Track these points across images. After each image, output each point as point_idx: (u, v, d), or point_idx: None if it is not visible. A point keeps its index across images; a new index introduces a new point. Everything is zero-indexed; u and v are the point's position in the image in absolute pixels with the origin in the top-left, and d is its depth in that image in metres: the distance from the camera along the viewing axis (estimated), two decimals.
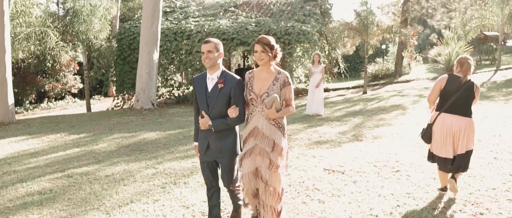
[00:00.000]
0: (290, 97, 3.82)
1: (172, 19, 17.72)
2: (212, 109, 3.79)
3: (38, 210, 5.04)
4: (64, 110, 22.07)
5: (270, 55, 3.73)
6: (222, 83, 3.76)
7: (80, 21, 16.18)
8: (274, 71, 3.82)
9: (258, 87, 3.80)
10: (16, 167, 7.38)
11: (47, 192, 5.75)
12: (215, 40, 3.81)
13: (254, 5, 19.20)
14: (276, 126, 3.81)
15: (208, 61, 3.75)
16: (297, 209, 4.65)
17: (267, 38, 3.75)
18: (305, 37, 15.70)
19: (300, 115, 11.60)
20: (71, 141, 9.58)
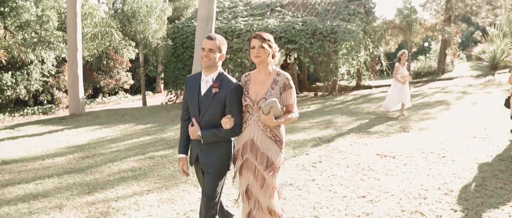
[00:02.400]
0: (291, 103, 3.36)
1: (222, 19, 18.70)
2: (203, 116, 3.38)
3: (136, 182, 6.04)
4: (118, 104, 23.51)
5: (269, 51, 3.32)
6: (217, 87, 3.33)
7: (138, 21, 17.39)
8: (273, 72, 3.39)
9: (255, 92, 3.36)
10: (101, 151, 8.49)
11: (136, 169, 6.77)
12: (220, 38, 3.42)
13: (300, 5, 19.94)
14: (273, 139, 3.38)
15: (205, 61, 3.34)
16: (357, 184, 5.44)
17: (267, 35, 3.36)
18: (350, 36, 16.33)
19: (348, 109, 12.28)
20: (140, 130, 10.68)
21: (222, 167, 3.45)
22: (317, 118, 10.88)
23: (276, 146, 3.39)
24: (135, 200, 5.21)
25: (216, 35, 3.42)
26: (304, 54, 16.95)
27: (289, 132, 9.08)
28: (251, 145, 3.38)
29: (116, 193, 5.57)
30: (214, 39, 3.36)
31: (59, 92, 21.38)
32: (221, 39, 3.41)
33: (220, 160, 3.43)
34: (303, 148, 7.56)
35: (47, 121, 13.80)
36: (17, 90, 19.08)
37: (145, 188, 5.72)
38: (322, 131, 9.15)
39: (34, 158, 8.18)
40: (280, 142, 3.42)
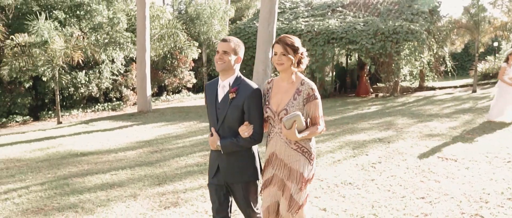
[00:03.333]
0: (316, 115, 3.08)
1: (283, 19, 18.95)
2: (221, 123, 3.17)
3: (202, 176, 6.42)
4: (181, 102, 24.39)
5: (292, 59, 3.04)
6: (234, 92, 3.10)
7: (202, 22, 18.02)
8: (297, 80, 3.11)
9: (276, 102, 3.11)
10: (168, 146, 9.01)
11: (202, 164, 7.16)
12: (236, 40, 3.19)
13: (361, 5, 19.78)
14: (299, 151, 3.11)
15: (220, 64, 3.12)
16: (416, 185, 5.49)
17: (291, 38, 3.09)
18: (413, 36, 16.02)
19: (409, 111, 12.12)
20: (204, 128, 11.16)
21: (245, 175, 3.20)
22: (378, 119, 10.85)
23: (303, 157, 3.12)
24: (202, 193, 5.57)
25: (232, 38, 3.18)
26: (365, 55, 16.82)
27: (348, 133, 9.17)
28: (275, 159, 3.17)
29: (184, 185, 5.97)
30: (229, 41, 3.14)
31: (127, 90, 22.55)
32: (237, 42, 3.18)
33: (243, 168, 3.20)
34: (362, 148, 7.64)
35: (117, 117, 14.70)
36: (90, 88, 20.39)
37: None
38: (382, 132, 9.16)
39: (107, 151, 8.84)
40: (309, 153, 3.15)
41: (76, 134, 11.36)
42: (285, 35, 3.12)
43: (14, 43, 14.50)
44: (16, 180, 6.75)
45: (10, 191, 6.17)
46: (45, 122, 18.62)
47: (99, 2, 19.97)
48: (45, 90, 19.47)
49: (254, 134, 3.10)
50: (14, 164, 8.04)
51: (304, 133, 3.03)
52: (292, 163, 3.10)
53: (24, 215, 5.09)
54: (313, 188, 5.57)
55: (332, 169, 6.42)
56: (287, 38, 3.08)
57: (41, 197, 5.77)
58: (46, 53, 14.42)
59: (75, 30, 17.43)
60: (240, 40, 3.24)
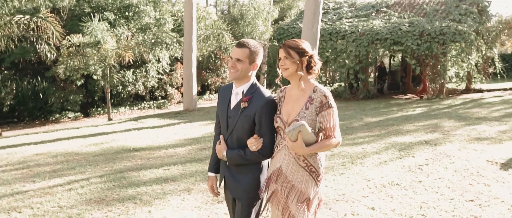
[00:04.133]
0: (330, 126, 2.74)
1: (326, 20, 18.97)
2: (230, 133, 2.94)
3: None
4: None
5: (297, 64, 2.75)
6: (246, 101, 2.87)
7: (246, 23, 18.33)
8: (308, 88, 2.81)
9: (287, 112, 2.84)
10: None
11: None
12: (253, 45, 2.90)
13: (407, 5, 19.52)
14: (307, 169, 2.80)
15: (233, 73, 2.89)
16: (465, 188, 5.50)
17: (296, 42, 2.81)
18: (461, 37, 15.71)
19: (456, 113, 11.94)
20: None
21: (251, 193, 2.94)
22: (423, 121, 10.76)
23: (309, 178, 2.80)
24: None
25: (249, 42, 2.90)
26: (410, 56, 16.62)
27: (394, 134, 9.18)
28: (279, 174, 2.85)
29: None
30: (244, 47, 2.86)
31: (172, 89, 23.20)
32: (253, 47, 2.88)
33: (248, 185, 2.93)
34: (409, 150, 7.66)
35: (164, 115, 15.21)
36: (136, 86, 21.13)
37: None
38: (429, 134, 9.10)
39: (158, 147, 9.23)
40: (316, 174, 2.82)
41: (127, 130, 11.87)
42: (292, 39, 2.85)
43: (69, 44, 15.26)
44: (77, 172, 7.20)
45: (72, 182, 6.61)
46: (95, 118, 19.46)
47: (146, 4, 20.66)
48: (95, 88, 20.33)
49: (263, 148, 2.85)
50: (72, 157, 8.54)
51: (313, 147, 2.70)
52: (297, 182, 2.80)
53: (88, 205, 5.47)
54: (360, 187, 5.69)
55: (378, 170, 6.50)
56: (292, 41, 2.82)
57: (102, 189, 6.16)
58: (98, 53, 15.10)
59: (125, 30, 18.12)
60: (258, 44, 2.94)
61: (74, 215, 5.12)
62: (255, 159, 2.89)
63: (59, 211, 5.30)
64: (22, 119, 19.47)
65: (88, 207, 5.37)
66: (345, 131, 9.91)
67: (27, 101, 19.12)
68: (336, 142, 2.76)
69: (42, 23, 13.37)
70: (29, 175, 7.22)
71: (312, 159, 2.80)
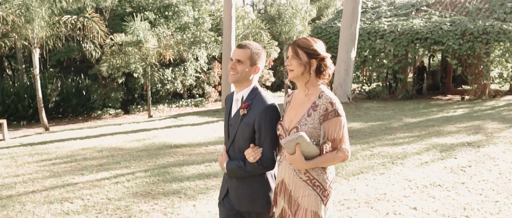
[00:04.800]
0: (336, 137, 2.45)
1: (365, 19, 18.79)
2: (232, 142, 2.74)
3: None
4: None
5: (305, 66, 2.49)
6: (245, 108, 2.65)
7: (283, 22, 18.40)
8: (314, 92, 2.52)
9: (289, 118, 2.57)
10: None
11: None
12: (255, 46, 2.71)
13: (448, 4, 19.09)
14: (310, 184, 2.50)
15: (231, 75, 2.70)
16: (510, 191, 5.40)
17: (308, 41, 2.53)
18: (505, 37, 15.25)
19: (499, 115, 11.63)
20: None
21: (256, 205, 2.73)
22: (465, 123, 10.55)
23: (313, 194, 2.49)
24: None
25: (250, 43, 2.72)
26: (451, 56, 16.26)
27: (434, 135, 9.05)
28: (284, 189, 2.59)
29: None
30: (245, 48, 2.68)
31: (209, 87, 23.54)
32: (255, 48, 2.70)
33: (252, 196, 2.72)
34: (450, 152, 7.55)
35: (203, 113, 15.48)
36: (175, 84, 21.58)
37: None
38: (471, 136, 8.93)
39: (198, 144, 9.44)
40: (321, 189, 2.50)
41: (167, 127, 12.17)
42: (303, 38, 2.58)
43: (112, 42, 15.77)
44: (122, 167, 7.48)
45: (118, 176, 6.88)
46: (135, 115, 20.00)
47: (185, 3, 21.05)
48: (135, 86, 20.91)
49: (263, 159, 2.60)
50: (117, 152, 8.86)
51: (315, 161, 2.44)
52: (301, 198, 2.50)
53: (135, 197, 5.70)
54: (401, 187, 5.68)
55: (419, 170, 6.45)
56: (303, 39, 2.55)
57: (147, 183, 6.39)
58: (140, 51, 15.53)
59: (165, 30, 18.55)
60: (261, 47, 2.77)
61: (122, 207, 5.36)
62: (255, 171, 2.64)
63: (108, 203, 5.55)
64: (66, 115, 20.26)
65: (135, 200, 5.60)
66: (384, 131, 9.84)
67: (71, 98, 19.88)
68: (343, 155, 2.45)
69: (88, 23, 13.89)
70: (77, 168, 7.56)
71: (315, 171, 2.49)
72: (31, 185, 6.62)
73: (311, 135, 2.44)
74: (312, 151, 2.43)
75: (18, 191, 6.31)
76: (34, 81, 15.57)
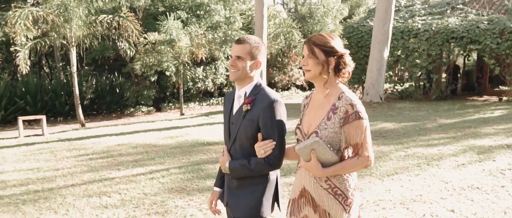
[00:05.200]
0: (358, 142, 2.25)
1: (398, 18, 18.50)
2: (233, 141, 2.58)
3: None
4: (290, 99, 24.95)
5: (322, 65, 2.30)
6: (248, 103, 2.51)
7: (315, 21, 18.32)
8: (333, 93, 2.33)
9: (308, 122, 2.39)
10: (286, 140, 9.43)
11: None
12: (254, 40, 2.57)
13: (485, 2, 18.58)
14: (331, 192, 2.32)
15: (233, 72, 2.55)
16: None
17: (324, 37, 2.33)
18: None
19: None
20: None
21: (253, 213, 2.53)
22: (503, 125, 10.26)
23: (335, 202, 2.31)
24: None
25: (249, 38, 2.57)
26: (489, 56, 15.83)
27: (471, 137, 8.84)
28: (307, 197, 2.38)
29: None
30: (243, 43, 2.53)
31: None
32: (254, 42, 2.55)
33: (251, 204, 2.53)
34: (488, 154, 7.36)
35: None
36: (206, 83, 21.77)
37: None
38: (510, 138, 8.68)
39: None
40: (344, 197, 2.32)
41: (199, 125, 12.32)
42: (319, 34, 2.36)
43: (146, 41, 16.06)
44: (157, 163, 7.62)
45: (153, 171, 7.01)
46: (166, 113, 20.29)
47: (217, 2, 21.22)
48: (166, 84, 21.21)
49: (270, 156, 2.42)
50: (151, 148, 9.03)
51: (333, 168, 2.26)
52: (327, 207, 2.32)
53: (170, 193, 5.80)
54: (437, 188, 5.58)
55: (456, 172, 6.32)
56: (319, 36, 2.33)
57: (182, 179, 6.49)
58: (173, 50, 15.76)
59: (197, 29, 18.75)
60: (260, 40, 2.61)
61: (158, 202, 5.46)
62: (260, 170, 2.47)
63: (144, 198, 5.67)
64: (101, 112, 20.75)
65: (171, 195, 5.70)
66: (418, 131, 9.68)
67: (105, 95, 20.36)
68: (366, 162, 2.27)
69: (123, 22, 14.19)
70: (113, 163, 7.75)
71: (337, 179, 2.30)
72: (70, 178, 6.84)
73: (332, 140, 2.27)
74: (330, 157, 2.24)
75: (58, 184, 6.53)
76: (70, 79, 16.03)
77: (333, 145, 2.28)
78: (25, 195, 6.08)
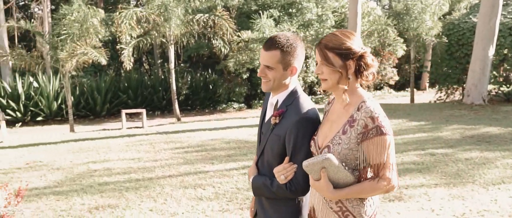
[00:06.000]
0: (378, 162, 1.90)
1: (506, 13, 17.03)
2: (261, 153, 2.26)
3: (421, 175, 6.36)
4: (382, 99, 24.14)
5: (340, 72, 1.95)
6: (277, 116, 2.15)
7: (412, 18, 17.50)
8: (355, 102, 1.98)
9: (324, 133, 2.05)
10: None
11: (419, 163, 7.08)
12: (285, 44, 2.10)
13: None
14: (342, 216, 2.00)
15: (264, 83, 2.19)
16: None
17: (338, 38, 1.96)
18: None
19: None
20: (414, 127, 10.91)
21: None
22: None
23: None
24: (425, 191, 5.56)
25: (279, 40, 2.11)
26: None
27: None
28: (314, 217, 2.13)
29: (404, 181, 6.03)
30: (271, 49, 2.10)
31: None
32: (286, 46, 2.10)
33: None
34: None
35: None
36: None
37: (431, 182, 6.01)
38: None
39: None
40: None
41: None
42: (331, 34, 2.00)
43: (239, 39, 16.44)
44: (249, 159, 7.75)
45: (246, 167, 7.14)
46: (257, 110, 20.60)
47: (309, 0, 21.09)
48: (258, 82, 21.52)
49: (293, 182, 2.09)
50: (243, 144, 9.21)
51: (346, 191, 1.93)
52: None
53: None
54: None
55: None
56: (331, 37, 1.97)
57: None
58: None
59: (289, 27, 18.82)
60: (294, 38, 2.16)
61: (250, 197, 5.53)
62: (282, 195, 2.12)
63: (237, 192, 5.78)
64: (195, 107, 21.66)
65: None
66: None
67: (199, 91, 21.21)
68: (387, 185, 1.89)
69: (218, 20, 14.66)
70: (207, 157, 8.01)
71: (350, 202, 1.98)
72: (168, 170, 7.19)
73: (346, 158, 1.94)
74: (344, 177, 1.92)
75: (157, 175, 6.90)
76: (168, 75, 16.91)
77: (348, 163, 1.95)
78: (127, 183, 6.50)
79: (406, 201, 5.21)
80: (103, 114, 18.51)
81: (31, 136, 12.81)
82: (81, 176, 7.06)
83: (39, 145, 10.32)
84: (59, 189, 6.37)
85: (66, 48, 12.55)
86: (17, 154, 9.25)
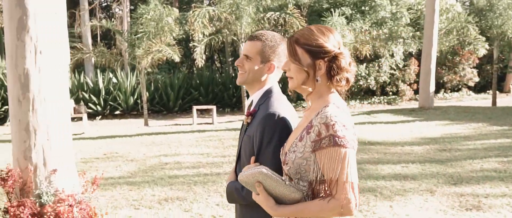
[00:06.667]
0: (332, 177, 1.58)
1: None
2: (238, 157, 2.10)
3: (504, 183, 5.90)
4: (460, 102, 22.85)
5: (307, 71, 1.71)
6: (249, 115, 2.02)
7: (495, 15, 16.39)
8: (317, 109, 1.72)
9: (290, 139, 1.79)
10: (456, 146, 8.62)
11: (501, 171, 6.59)
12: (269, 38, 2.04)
13: None
14: None
15: (239, 74, 2.08)
16: None
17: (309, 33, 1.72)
18: None
19: None
20: (496, 131, 10.21)
21: None
22: None
23: None
24: (508, 201, 5.14)
25: (264, 34, 2.06)
26: None
27: None
28: None
29: (484, 190, 5.62)
30: (254, 40, 2.04)
31: (404, 85, 22.44)
32: (269, 40, 2.03)
33: None
34: None
35: (397, 111, 14.88)
36: (368, 81, 21.16)
37: None
38: None
39: (393, 143, 9.06)
40: None
41: (361, 123, 12.02)
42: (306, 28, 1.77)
43: None
44: None
45: None
46: None
47: None
48: None
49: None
50: None
51: (290, 209, 1.66)
52: None
53: None
54: None
55: None
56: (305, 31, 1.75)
57: None
58: None
59: (362, 25, 18.35)
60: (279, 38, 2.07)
61: None
62: (252, 200, 1.83)
63: None
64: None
65: None
66: None
67: None
68: (338, 207, 1.56)
69: (289, 19, 14.60)
70: None
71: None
72: None
73: (299, 167, 1.68)
74: (288, 192, 1.64)
75: (225, 170, 6.98)
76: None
77: (302, 175, 1.69)
78: (196, 177, 6.63)
79: (485, 211, 4.84)
80: (176, 109, 19.11)
81: (109, 128, 13.52)
82: (153, 168, 7.31)
83: (115, 137, 10.85)
84: (132, 179, 6.64)
85: (143, 46, 13.09)
86: (96, 145, 9.78)
